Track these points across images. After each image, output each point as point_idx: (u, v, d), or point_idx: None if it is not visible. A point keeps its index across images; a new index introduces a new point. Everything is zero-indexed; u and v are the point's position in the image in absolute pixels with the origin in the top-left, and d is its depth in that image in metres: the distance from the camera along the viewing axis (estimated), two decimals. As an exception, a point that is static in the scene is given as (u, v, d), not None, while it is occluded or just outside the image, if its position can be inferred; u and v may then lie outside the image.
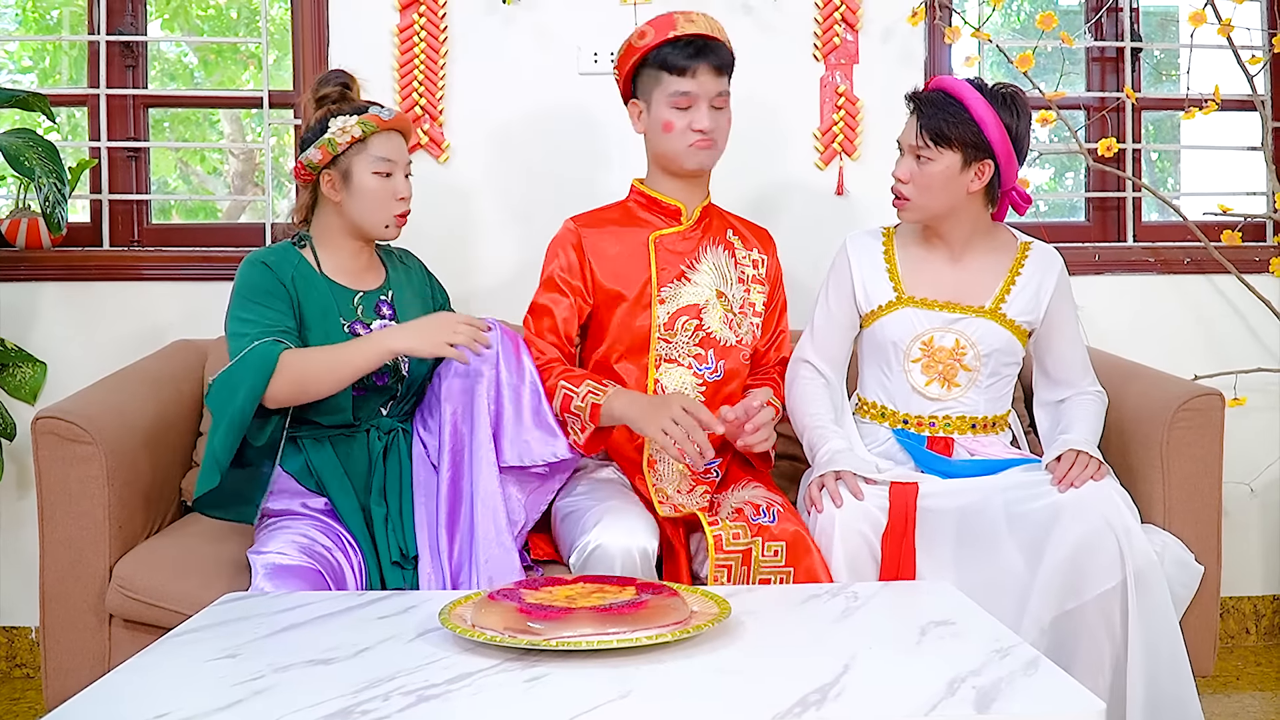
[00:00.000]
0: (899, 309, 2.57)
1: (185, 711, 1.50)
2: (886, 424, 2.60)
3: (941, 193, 2.50)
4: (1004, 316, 2.55)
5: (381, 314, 2.58)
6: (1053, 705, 1.50)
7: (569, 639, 1.67)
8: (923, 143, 2.47)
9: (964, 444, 2.55)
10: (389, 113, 2.53)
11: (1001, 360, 2.56)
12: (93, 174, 3.29)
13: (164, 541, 2.58)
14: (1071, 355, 2.62)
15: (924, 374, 2.55)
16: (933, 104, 2.47)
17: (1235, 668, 3.18)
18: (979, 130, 2.45)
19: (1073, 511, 2.26)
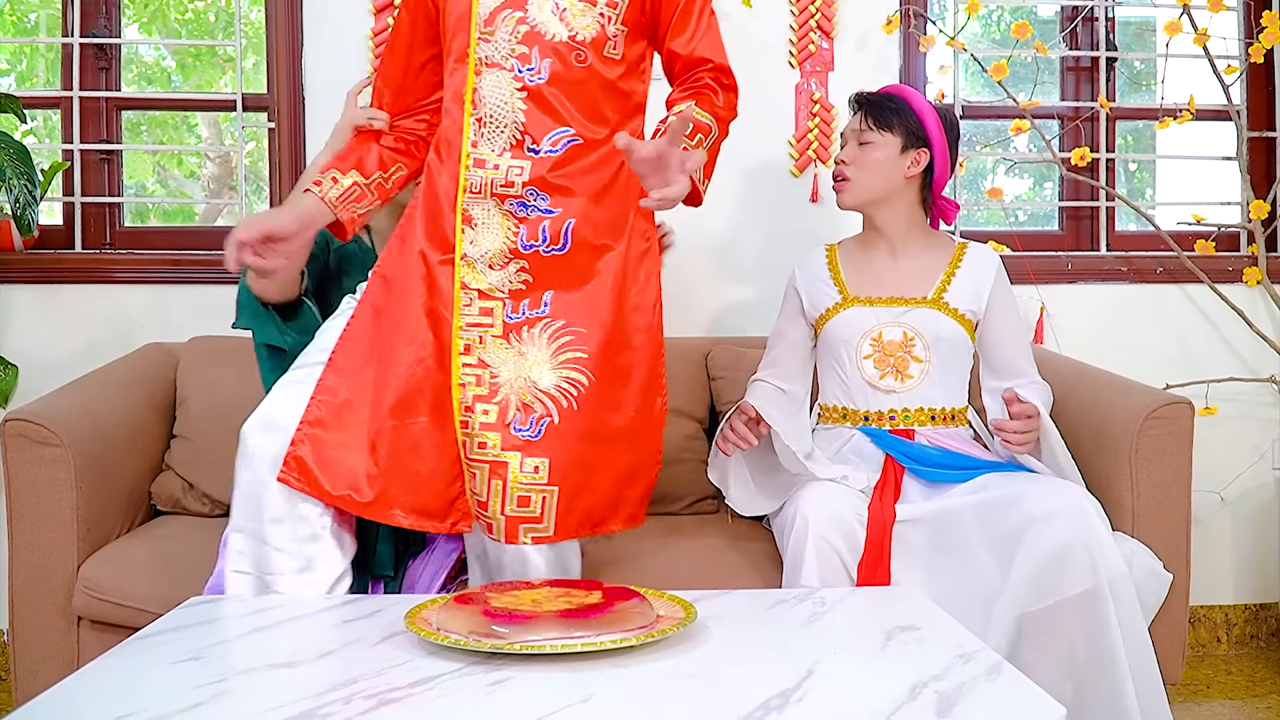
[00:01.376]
0: (845, 309, 2.66)
1: (147, 714, 1.48)
2: (848, 424, 2.63)
3: (881, 173, 2.63)
4: (946, 305, 2.63)
5: None
6: (1014, 710, 1.50)
7: (533, 643, 1.66)
8: (866, 126, 2.64)
9: (925, 435, 2.59)
10: None
11: (951, 349, 2.62)
12: (65, 176, 3.27)
13: (132, 543, 2.57)
14: (1014, 349, 2.69)
15: (876, 368, 2.61)
16: (877, 98, 2.67)
17: (1206, 676, 3.19)
18: (919, 121, 2.63)
19: (1045, 519, 2.26)
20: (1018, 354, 2.69)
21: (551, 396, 2.15)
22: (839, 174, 2.67)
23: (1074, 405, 2.75)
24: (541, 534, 2.15)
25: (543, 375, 2.16)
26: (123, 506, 2.67)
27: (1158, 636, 2.48)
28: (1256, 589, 3.41)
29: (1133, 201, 3.38)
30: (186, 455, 2.82)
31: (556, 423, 2.15)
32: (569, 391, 2.16)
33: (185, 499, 2.80)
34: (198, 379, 2.91)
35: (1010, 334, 2.69)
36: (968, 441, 2.63)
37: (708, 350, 3.09)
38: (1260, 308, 3.38)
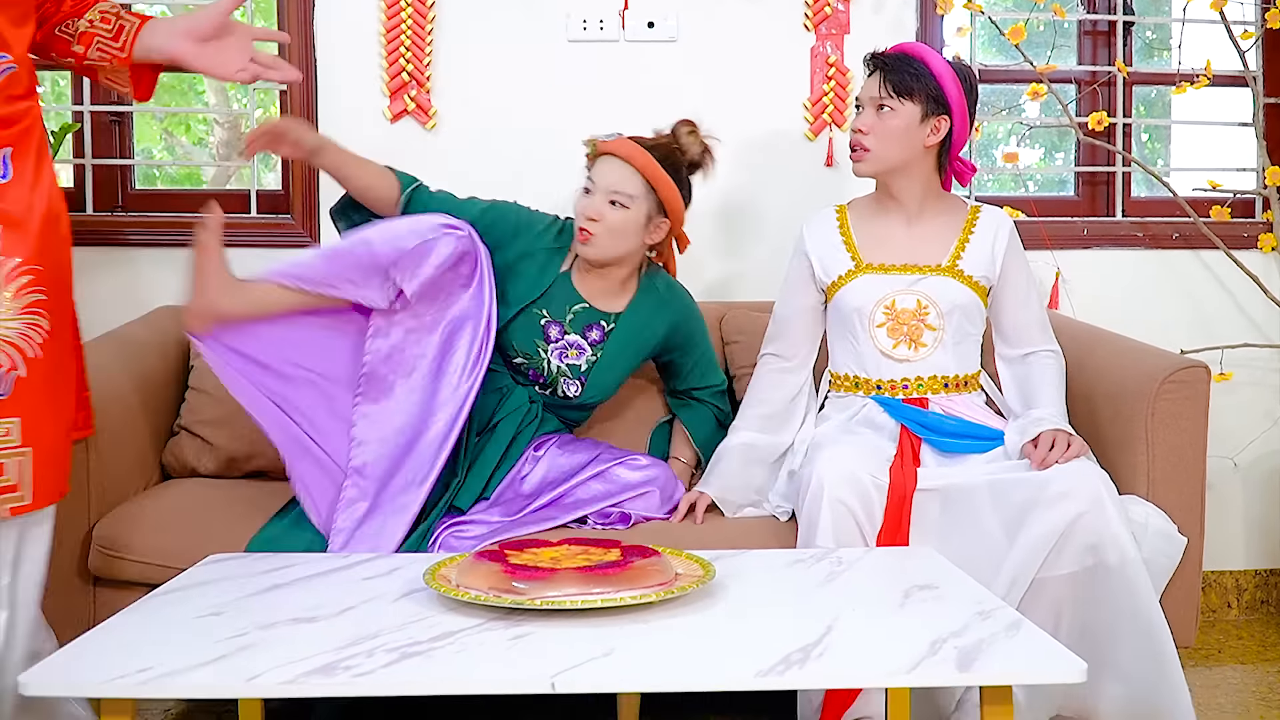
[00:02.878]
0: (858, 277, 2.63)
1: (168, 666, 1.50)
2: (861, 393, 2.63)
3: (901, 143, 2.58)
4: (961, 273, 2.61)
5: (589, 335, 2.62)
6: (1034, 665, 1.51)
7: (553, 599, 1.67)
8: (886, 93, 2.56)
9: (938, 403, 2.58)
10: (611, 135, 2.61)
11: (964, 318, 2.61)
12: (76, 139, 3.26)
13: (146, 503, 2.57)
14: (1027, 313, 2.68)
15: (890, 337, 2.60)
16: (896, 60, 2.59)
17: (1217, 641, 3.20)
18: (939, 86, 2.57)
19: (1056, 491, 2.27)
20: (1030, 321, 2.68)
21: (16, 346, 1.94)
22: (856, 143, 2.61)
23: (1090, 370, 2.75)
24: (19, 504, 1.94)
25: (6, 323, 1.94)
26: (135, 469, 2.67)
27: (1171, 601, 2.49)
28: (1268, 554, 3.41)
29: (1149, 167, 3.37)
30: (204, 412, 2.82)
31: (24, 376, 1.94)
32: (32, 339, 1.97)
33: (199, 460, 2.80)
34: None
35: (1023, 300, 2.67)
36: (981, 408, 2.63)
37: (722, 315, 3.08)
38: (1275, 274, 3.37)
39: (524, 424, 2.59)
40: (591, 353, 2.62)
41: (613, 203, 2.54)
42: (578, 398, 2.63)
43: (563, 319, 2.61)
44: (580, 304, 2.62)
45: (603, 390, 2.66)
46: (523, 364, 2.60)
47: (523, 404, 2.60)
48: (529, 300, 2.59)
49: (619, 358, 2.65)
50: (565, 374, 2.61)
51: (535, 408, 2.63)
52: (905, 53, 2.61)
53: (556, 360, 2.61)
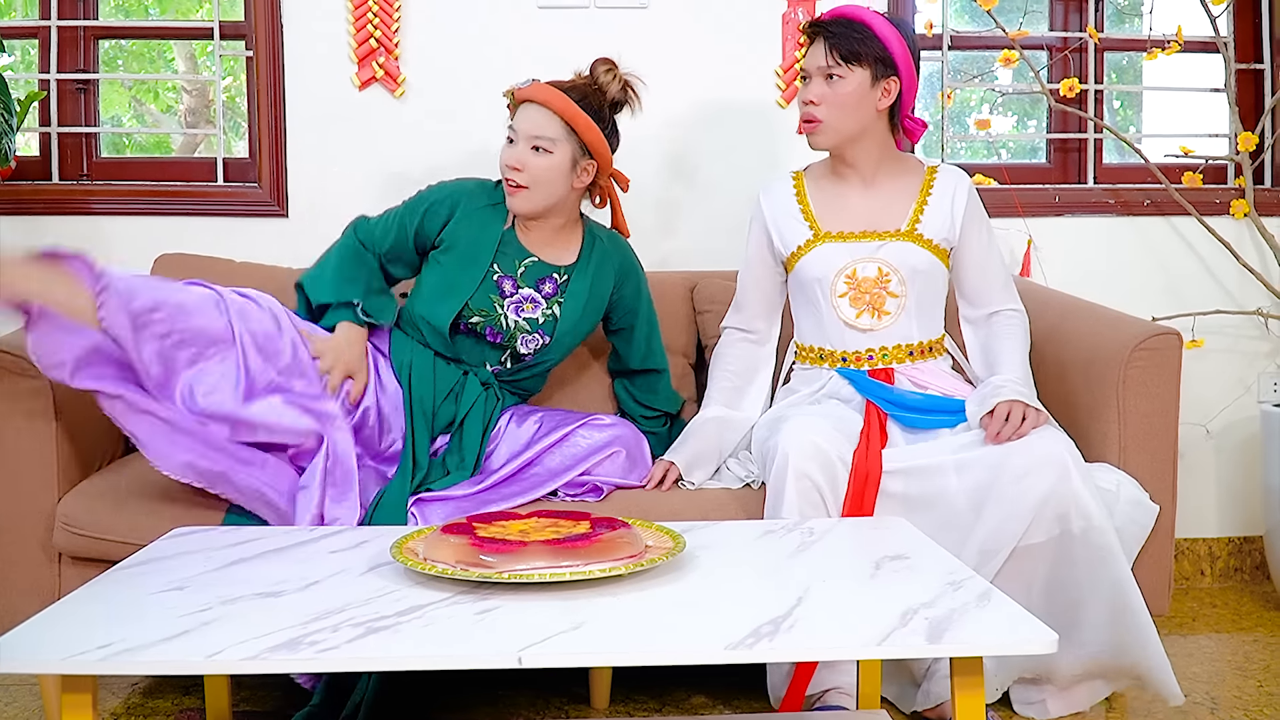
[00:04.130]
0: (817, 246, 2.61)
1: (131, 641, 1.47)
2: (826, 365, 2.61)
3: (854, 111, 2.55)
4: (921, 237, 2.59)
5: (542, 289, 2.61)
6: (1005, 635, 1.50)
7: (521, 572, 1.66)
8: (833, 61, 2.53)
9: (904, 373, 2.58)
10: (526, 82, 2.61)
11: (926, 282, 2.60)
12: (42, 107, 3.21)
13: (110, 478, 2.53)
14: (989, 273, 2.67)
15: (852, 306, 2.58)
16: (839, 26, 2.54)
17: (1191, 609, 3.20)
18: (885, 48, 2.53)
19: (1020, 464, 2.27)
20: (992, 281, 2.67)
21: None
22: (808, 115, 2.57)
23: (1061, 337, 2.74)
24: None
25: None
26: (102, 439, 2.64)
27: (1143, 569, 2.49)
28: (1240, 522, 3.43)
29: (1121, 134, 3.35)
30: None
31: None
32: None
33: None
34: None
35: (984, 260, 2.66)
36: (947, 374, 2.62)
37: (694, 284, 3.07)
38: (1247, 240, 3.37)
39: (487, 411, 2.58)
40: (547, 305, 2.61)
41: (535, 149, 2.54)
42: (536, 353, 2.62)
43: (514, 273, 2.60)
44: (529, 258, 2.61)
45: (562, 347, 2.66)
46: (479, 323, 2.58)
47: (479, 393, 2.59)
48: (480, 260, 2.58)
49: (577, 309, 2.64)
50: (523, 329, 2.60)
51: (492, 390, 2.62)
52: (847, 17, 2.56)
53: (513, 315, 2.59)
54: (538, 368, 2.68)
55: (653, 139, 3.19)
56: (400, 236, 2.61)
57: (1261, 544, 3.38)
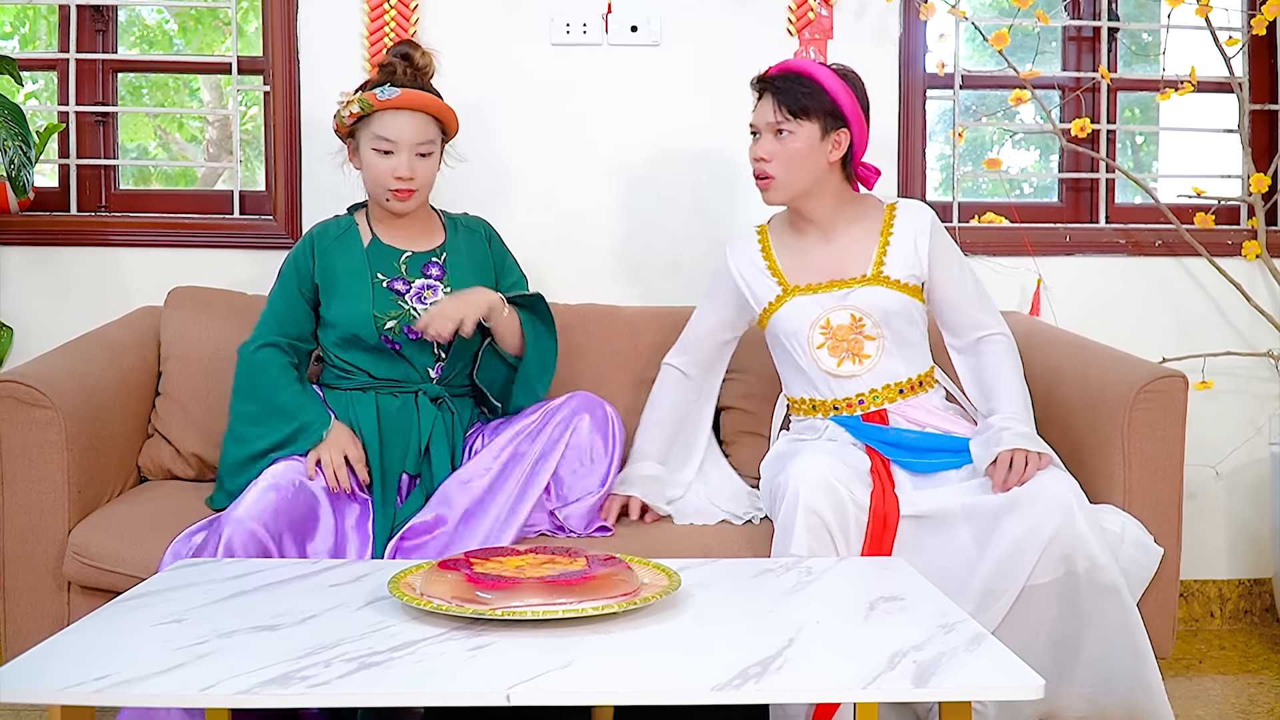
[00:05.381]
0: (788, 301, 2.61)
1: (126, 674, 1.49)
2: (819, 415, 2.62)
3: (806, 165, 2.55)
4: (888, 279, 2.58)
5: (429, 274, 2.66)
6: (991, 680, 1.50)
7: (515, 608, 1.67)
8: (782, 116, 2.53)
9: (898, 412, 2.57)
10: (391, 92, 2.58)
11: (902, 321, 2.58)
12: (61, 139, 3.26)
13: (121, 508, 2.57)
14: (965, 299, 2.65)
15: (832, 355, 2.58)
16: (786, 81, 2.55)
17: (1199, 651, 3.19)
18: (833, 101, 2.54)
19: (1028, 503, 2.27)
20: (970, 308, 2.65)
21: None
22: (760, 171, 2.58)
23: (1068, 377, 2.74)
24: None
25: None
26: (114, 470, 2.67)
27: (1148, 611, 2.48)
28: (1250, 564, 3.41)
29: (1132, 173, 3.36)
30: (173, 419, 2.82)
31: None
32: None
33: (174, 463, 2.80)
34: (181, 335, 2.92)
35: (959, 287, 2.64)
36: (941, 410, 2.61)
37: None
38: (1259, 282, 3.36)
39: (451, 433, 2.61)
40: (444, 284, 2.65)
41: (421, 155, 2.62)
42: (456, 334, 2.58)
43: (399, 273, 2.65)
44: (403, 254, 2.68)
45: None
46: (395, 326, 2.58)
47: (434, 413, 2.60)
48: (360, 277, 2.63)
49: (468, 278, 2.67)
50: None
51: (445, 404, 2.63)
52: (793, 71, 2.57)
53: (420, 304, 2.62)
54: (464, 355, 2.68)
55: (665, 175, 3.22)
56: (299, 303, 2.65)
57: (1271, 586, 3.36)
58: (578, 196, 3.26)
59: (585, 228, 3.27)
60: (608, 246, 3.27)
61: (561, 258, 3.24)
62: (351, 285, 2.62)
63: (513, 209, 3.18)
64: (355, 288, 2.61)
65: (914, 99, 3.30)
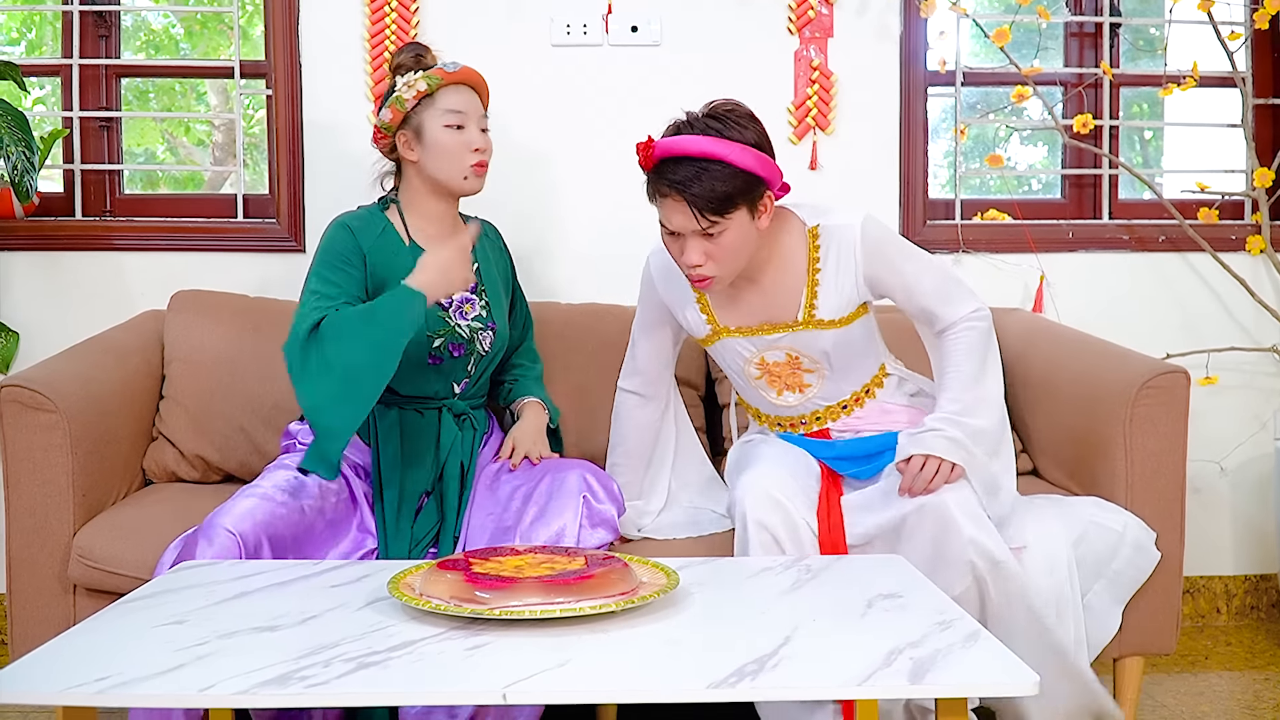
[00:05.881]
0: (720, 340, 2.49)
1: (126, 675, 1.50)
2: (765, 425, 2.62)
3: (743, 250, 2.31)
4: (820, 321, 2.41)
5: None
6: (986, 677, 1.50)
7: (512, 608, 1.67)
8: (709, 221, 2.23)
9: (841, 426, 2.53)
10: (454, 66, 2.54)
11: (843, 349, 2.45)
12: (65, 144, 3.28)
13: (126, 512, 2.58)
14: (926, 296, 2.42)
15: (771, 386, 2.52)
16: (695, 180, 2.21)
17: (1205, 647, 3.19)
18: (749, 174, 2.24)
19: (914, 523, 2.27)
20: (934, 304, 2.42)
21: None
22: (698, 276, 2.31)
23: (1070, 374, 2.75)
24: None
25: None
26: (118, 474, 2.69)
27: (1149, 608, 2.50)
28: (1256, 560, 3.40)
29: (1134, 169, 3.36)
30: (176, 421, 2.83)
31: None
32: None
33: (179, 465, 2.81)
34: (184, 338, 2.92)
35: (914, 288, 2.42)
36: (892, 402, 2.55)
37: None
38: (1263, 276, 3.36)
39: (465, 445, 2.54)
40: (479, 298, 2.58)
41: (483, 130, 2.57)
42: (492, 346, 2.57)
43: None
44: None
45: (503, 330, 2.62)
46: (442, 344, 2.51)
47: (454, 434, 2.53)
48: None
49: (496, 288, 2.64)
50: (477, 328, 2.55)
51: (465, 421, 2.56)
52: (696, 156, 2.23)
53: (464, 321, 2.54)
54: (490, 365, 2.63)
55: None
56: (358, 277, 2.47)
57: (1277, 581, 3.36)
58: (578, 196, 3.26)
59: (584, 227, 3.27)
60: (606, 246, 3.27)
61: (560, 257, 3.25)
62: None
63: (512, 209, 3.18)
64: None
65: (915, 97, 3.30)
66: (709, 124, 2.26)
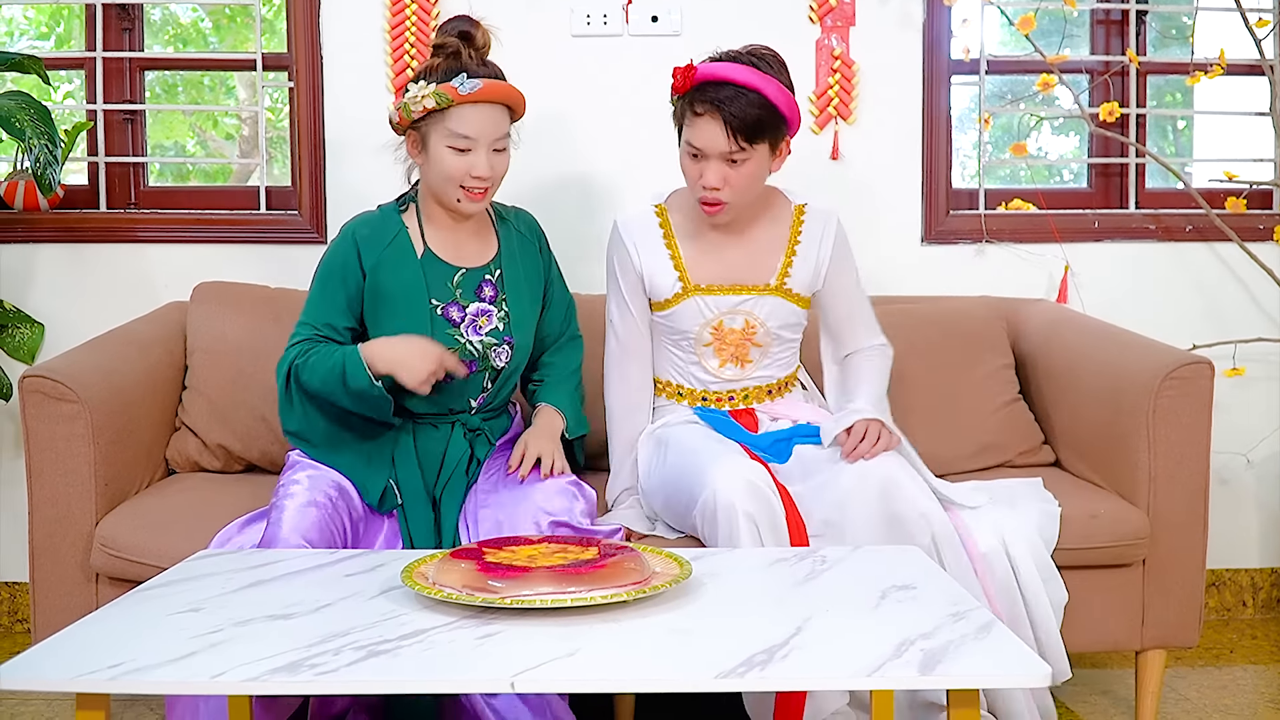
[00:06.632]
0: (686, 299, 2.54)
1: (139, 662, 1.51)
2: (685, 403, 2.61)
3: (753, 186, 2.45)
4: (789, 291, 2.55)
5: (482, 295, 2.48)
6: (996, 669, 1.49)
7: (524, 597, 1.68)
8: (738, 145, 2.36)
9: (764, 410, 2.58)
10: (473, 86, 2.36)
11: (789, 330, 2.59)
12: (90, 137, 3.30)
13: (148, 500, 2.60)
14: (854, 312, 2.63)
15: (716, 357, 2.56)
16: (735, 103, 2.35)
17: (1230, 640, 3.16)
18: (782, 115, 2.40)
19: (859, 496, 2.28)
20: (857, 319, 2.64)
21: None
22: (711, 199, 2.43)
23: (1093, 365, 2.73)
24: None
25: None
26: (141, 464, 2.71)
27: (1172, 601, 2.48)
28: (1283, 552, 3.38)
29: (1161, 158, 3.32)
30: (199, 411, 2.85)
31: None
32: None
33: (201, 455, 2.83)
34: (206, 329, 2.94)
35: (850, 298, 2.63)
36: (803, 404, 2.62)
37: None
38: (1291, 266, 3.33)
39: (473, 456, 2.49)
40: (497, 309, 2.47)
41: (496, 150, 2.41)
42: (509, 362, 2.49)
43: (452, 297, 2.45)
44: (456, 272, 2.47)
45: (524, 344, 2.52)
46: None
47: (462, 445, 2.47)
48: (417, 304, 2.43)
49: (521, 299, 2.51)
50: (491, 344, 2.46)
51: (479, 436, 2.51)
52: (739, 84, 2.36)
53: (475, 336, 2.45)
54: (510, 378, 2.55)
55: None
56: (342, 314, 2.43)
57: (1305, 574, 3.33)
58: (599, 187, 3.26)
59: (606, 218, 3.26)
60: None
61: (584, 248, 3.24)
62: (407, 313, 2.41)
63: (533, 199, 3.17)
64: (411, 316, 2.41)
65: (938, 86, 3.27)
66: (752, 59, 2.41)
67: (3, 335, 3.19)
